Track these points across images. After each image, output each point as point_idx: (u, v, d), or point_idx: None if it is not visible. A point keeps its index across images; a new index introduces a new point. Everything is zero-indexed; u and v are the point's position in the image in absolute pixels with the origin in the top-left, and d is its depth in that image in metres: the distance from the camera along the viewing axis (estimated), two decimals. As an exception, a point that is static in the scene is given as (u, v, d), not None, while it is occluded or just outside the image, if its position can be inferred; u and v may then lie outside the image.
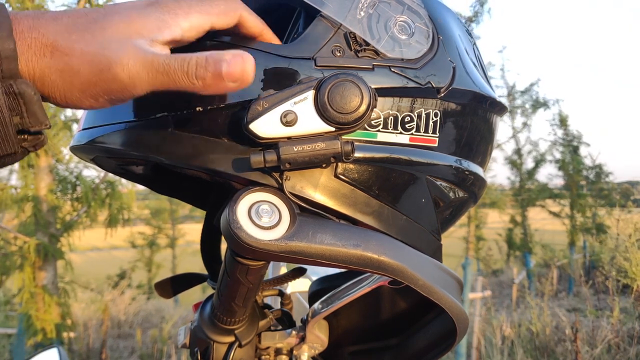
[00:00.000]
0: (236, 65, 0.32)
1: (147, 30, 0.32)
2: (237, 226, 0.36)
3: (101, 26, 0.31)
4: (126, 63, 0.30)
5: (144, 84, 0.32)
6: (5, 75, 0.28)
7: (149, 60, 0.31)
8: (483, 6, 7.75)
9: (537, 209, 10.35)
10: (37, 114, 0.29)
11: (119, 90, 0.31)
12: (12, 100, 0.28)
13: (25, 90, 0.28)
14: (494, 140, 0.50)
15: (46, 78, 0.30)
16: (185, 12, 0.34)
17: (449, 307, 0.41)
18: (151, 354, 4.86)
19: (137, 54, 0.31)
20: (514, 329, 4.24)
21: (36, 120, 0.29)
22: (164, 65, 0.31)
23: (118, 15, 0.32)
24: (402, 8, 0.41)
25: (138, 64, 0.31)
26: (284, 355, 0.59)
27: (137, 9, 0.32)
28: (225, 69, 0.31)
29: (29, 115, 0.29)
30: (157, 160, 0.39)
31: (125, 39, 0.31)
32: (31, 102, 0.29)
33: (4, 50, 0.27)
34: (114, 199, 4.49)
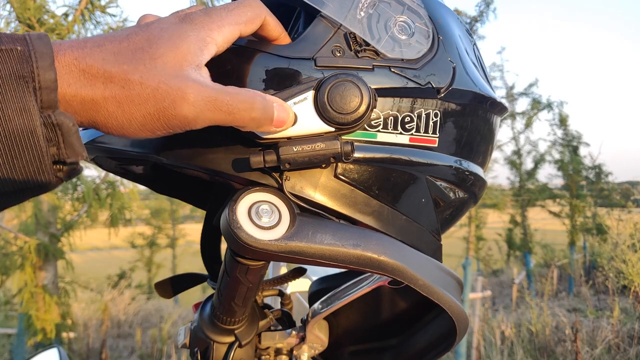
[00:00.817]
0: (285, 114, 0.35)
1: (192, 54, 0.32)
2: (237, 226, 0.36)
3: (150, 56, 0.30)
4: (192, 101, 0.31)
5: (206, 122, 0.32)
6: (44, 106, 0.27)
7: (212, 99, 0.32)
8: (489, 6, 7.75)
9: (537, 209, 10.35)
10: (74, 145, 0.29)
11: (180, 125, 0.32)
12: (50, 131, 0.28)
13: (63, 122, 0.28)
14: (494, 140, 0.50)
15: (101, 108, 0.30)
16: (218, 26, 0.34)
17: (449, 307, 0.41)
18: (151, 353, 4.86)
19: (198, 90, 0.31)
20: (514, 329, 4.24)
21: (73, 152, 0.29)
22: (228, 106, 0.32)
23: (162, 41, 0.31)
24: (402, 8, 0.41)
25: (201, 102, 0.31)
26: (284, 355, 0.59)
27: (176, 31, 0.32)
28: (277, 116, 0.35)
29: (66, 146, 0.28)
30: (157, 160, 0.39)
31: (179, 70, 0.31)
32: (69, 133, 0.28)
33: (45, 80, 0.27)
34: (115, 199, 4.49)
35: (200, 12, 0.34)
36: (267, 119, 0.34)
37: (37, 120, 0.27)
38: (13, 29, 3.70)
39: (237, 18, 0.35)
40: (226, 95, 0.32)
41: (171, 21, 0.33)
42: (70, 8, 3.94)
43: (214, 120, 0.32)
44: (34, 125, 0.27)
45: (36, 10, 3.60)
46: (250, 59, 0.38)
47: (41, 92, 0.27)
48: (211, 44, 0.33)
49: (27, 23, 3.59)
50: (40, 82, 0.27)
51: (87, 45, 0.30)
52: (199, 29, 0.33)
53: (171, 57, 0.31)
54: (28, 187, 0.28)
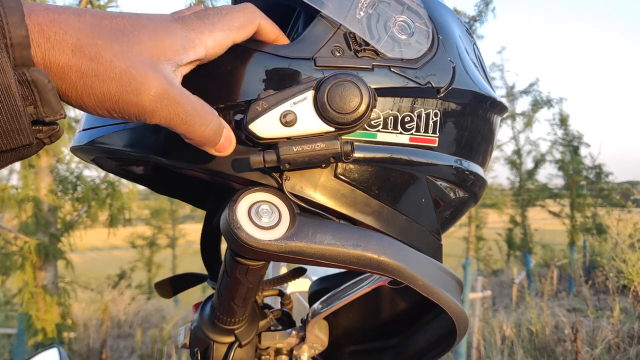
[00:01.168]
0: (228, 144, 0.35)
1: (174, 51, 0.31)
2: (237, 226, 0.36)
3: (129, 40, 0.30)
4: (154, 95, 0.30)
5: (161, 120, 0.32)
6: (17, 63, 0.27)
7: (175, 102, 0.31)
8: (488, 6, 7.74)
9: (537, 209, 10.35)
10: (51, 102, 0.28)
11: (135, 114, 0.31)
12: (26, 88, 0.27)
13: (38, 79, 0.27)
14: (495, 140, 0.50)
15: (65, 76, 0.29)
16: (210, 31, 0.33)
17: (449, 307, 0.41)
18: (151, 354, 4.86)
19: (165, 87, 0.31)
20: (514, 329, 4.24)
21: (51, 110, 0.28)
22: (186, 115, 0.32)
23: (146, 30, 0.31)
24: (401, 8, 0.41)
25: (164, 100, 0.31)
26: (284, 355, 0.59)
27: (165, 26, 0.32)
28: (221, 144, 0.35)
29: (43, 104, 0.28)
30: (157, 161, 0.39)
31: (154, 61, 0.30)
32: (45, 90, 0.27)
33: (16, 36, 0.26)
34: (115, 199, 4.49)
35: (193, 14, 0.34)
36: (214, 141, 0.34)
37: (11, 77, 0.26)
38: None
39: (229, 24, 0.34)
40: (188, 104, 0.32)
41: (163, 17, 0.33)
42: (70, 8, 3.94)
43: (168, 122, 0.32)
44: (9, 83, 0.26)
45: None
46: (250, 59, 0.38)
47: (13, 49, 0.26)
48: (200, 46, 0.33)
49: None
50: (12, 39, 0.26)
51: (66, 12, 0.29)
52: (190, 30, 0.33)
53: (150, 47, 0.30)
54: (7, 149, 0.28)
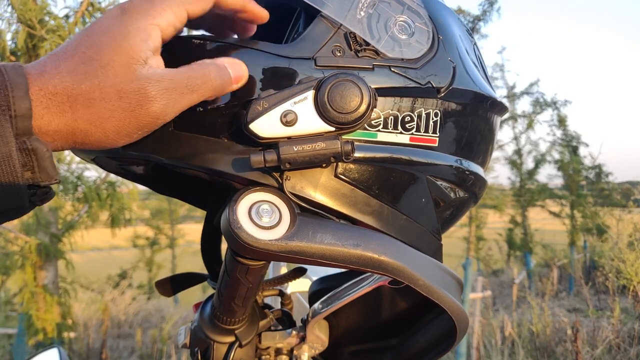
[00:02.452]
0: (240, 69, 0.36)
1: (135, 50, 0.32)
2: (237, 226, 0.36)
3: (100, 64, 0.31)
4: (154, 96, 0.32)
5: (175, 109, 0.34)
6: (19, 133, 0.29)
7: (171, 87, 0.33)
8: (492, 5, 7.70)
9: (537, 209, 10.34)
10: (48, 169, 0.30)
11: (154, 122, 0.33)
12: (25, 156, 0.29)
13: (38, 147, 0.29)
14: (495, 140, 0.50)
15: (76, 130, 0.31)
16: (159, 11, 0.33)
17: (449, 307, 0.41)
18: (151, 354, 4.86)
19: (155, 84, 0.32)
20: (515, 329, 4.24)
21: (47, 175, 0.30)
22: (188, 87, 0.33)
23: (104, 44, 0.32)
24: (402, 8, 0.41)
25: (163, 93, 0.32)
26: (284, 355, 0.59)
27: (116, 28, 0.32)
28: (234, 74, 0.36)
29: (40, 170, 0.30)
30: (157, 160, 0.39)
31: (130, 72, 0.31)
32: (43, 158, 0.30)
33: (20, 109, 0.29)
34: (115, 199, 4.49)
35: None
36: (226, 81, 0.35)
37: (13, 146, 0.28)
38: (14, 30, 3.70)
39: None
40: (182, 78, 0.33)
41: (113, 15, 0.33)
42: (71, 10, 3.94)
43: (182, 105, 0.34)
44: (10, 151, 0.28)
45: (38, 11, 3.60)
46: (250, 59, 0.38)
47: (17, 120, 0.29)
48: (154, 31, 0.33)
49: (28, 24, 3.59)
50: (15, 111, 0.28)
51: (46, 69, 0.31)
52: (139, 18, 0.33)
53: (118, 61, 0.31)
54: (2, 210, 0.30)
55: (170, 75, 0.33)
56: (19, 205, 0.30)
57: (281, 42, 0.45)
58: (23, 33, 3.59)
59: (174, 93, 0.33)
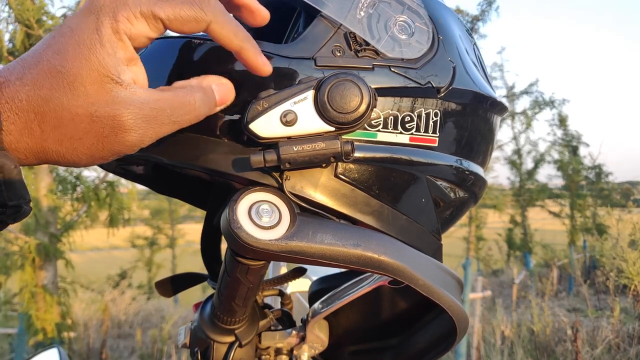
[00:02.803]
0: (226, 93, 0.35)
1: (105, 64, 0.28)
2: (237, 226, 0.36)
3: (67, 80, 0.27)
4: (130, 126, 0.29)
5: (153, 139, 0.30)
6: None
7: (151, 117, 0.29)
8: (491, 5, 7.71)
9: (537, 209, 10.34)
10: (16, 187, 0.27)
11: (127, 150, 0.30)
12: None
13: (5, 164, 0.26)
14: (495, 140, 0.50)
15: (47, 150, 0.28)
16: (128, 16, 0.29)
17: (449, 307, 0.41)
18: (151, 354, 4.86)
19: (132, 112, 0.29)
20: (514, 329, 4.24)
21: (14, 195, 0.27)
22: (170, 117, 0.30)
23: (69, 53, 0.28)
24: (402, 8, 0.41)
25: (141, 123, 0.29)
26: (284, 355, 0.59)
27: (82, 32, 0.28)
28: (219, 98, 0.34)
29: (7, 188, 0.27)
30: (157, 160, 0.39)
31: (102, 92, 0.28)
32: (10, 175, 0.27)
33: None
34: (114, 199, 4.49)
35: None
36: (211, 106, 0.33)
37: None
38: (12, 30, 3.70)
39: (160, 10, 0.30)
40: (165, 106, 0.30)
41: (81, 14, 0.29)
42: (68, 9, 3.94)
43: (161, 134, 0.31)
44: None
45: (36, 11, 3.60)
46: None
47: None
48: (124, 39, 0.29)
49: (25, 24, 3.59)
50: None
51: (11, 78, 0.27)
52: (106, 23, 0.28)
53: (87, 78, 0.28)
54: None
55: (151, 103, 0.29)
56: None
57: (281, 42, 0.45)
58: (21, 33, 3.59)
59: (154, 123, 0.30)
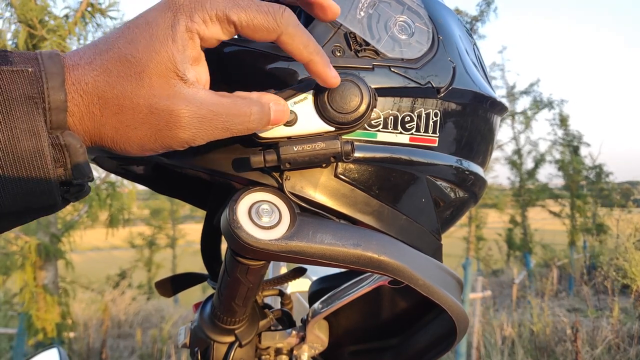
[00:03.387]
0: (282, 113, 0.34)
1: (173, 61, 0.29)
2: (237, 226, 0.36)
3: (135, 70, 0.29)
4: (186, 123, 0.30)
5: (204, 140, 0.31)
6: (53, 127, 0.27)
7: (207, 119, 0.30)
8: (489, 5, 7.71)
9: (537, 209, 10.34)
10: (81, 166, 0.28)
11: (178, 145, 0.31)
12: (58, 152, 0.27)
13: (71, 143, 0.27)
14: (495, 140, 0.50)
15: (103, 135, 0.29)
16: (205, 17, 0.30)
17: (449, 307, 0.41)
18: (151, 354, 4.86)
19: (191, 111, 0.30)
20: (514, 329, 4.24)
21: (79, 173, 0.28)
22: (224, 123, 0.31)
23: (141, 45, 0.29)
24: (402, 8, 0.41)
25: (196, 123, 0.30)
26: (284, 355, 0.59)
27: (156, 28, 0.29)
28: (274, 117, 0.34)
29: (72, 167, 0.28)
30: (158, 160, 0.39)
31: (167, 87, 0.29)
32: (76, 154, 0.28)
33: (55, 101, 0.27)
34: (115, 199, 4.49)
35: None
36: (265, 122, 0.33)
37: (45, 141, 0.27)
38: (14, 30, 3.70)
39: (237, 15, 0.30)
40: (222, 112, 0.31)
41: (158, 9, 0.30)
42: (71, 10, 3.94)
43: (212, 138, 0.31)
44: (42, 147, 0.27)
45: (39, 11, 3.60)
46: (250, 59, 0.38)
47: (51, 112, 0.27)
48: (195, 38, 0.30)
49: (28, 24, 3.59)
50: (50, 103, 0.27)
51: (81, 62, 0.29)
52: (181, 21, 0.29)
53: (154, 70, 0.29)
54: (34, 207, 0.28)
55: (210, 105, 0.30)
56: (51, 203, 0.28)
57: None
58: (24, 33, 3.60)
59: (208, 126, 0.30)
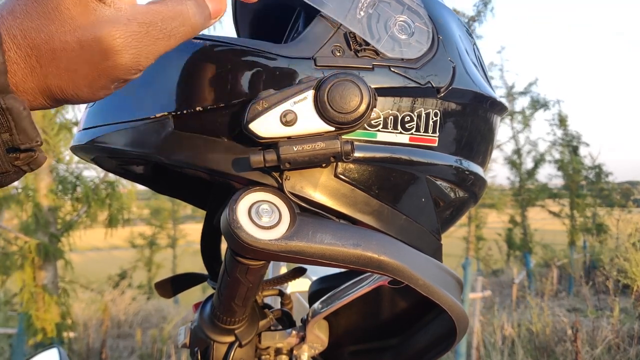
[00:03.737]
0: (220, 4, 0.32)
1: None
2: (237, 226, 0.36)
3: (52, 5, 0.26)
4: (122, 46, 0.27)
5: (150, 57, 0.29)
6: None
7: (143, 33, 0.28)
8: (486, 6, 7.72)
9: (537, 209, 10.34)
10: (27, 130, 0.27)
11: (126, 74, 0.29)
12: (1, 116, 0.26)
13: (14, 106, 0.26)
14: (494, 140, 0.50)
15: (51, 87, 0.28)
16: None
17: (449, 307, 0.41)
18: (151, 354, 4.86)
19: (121, 30, 0.27)
20: (514, 329, 4.24)
21: (26, 137, 0.27)
22: (163, 31, 0.29)
23: None
24: (402, 8, 0.41)
25: (133, 42, 0.28)
26: (284, 355, 0.59)
27: None
28: (213, 10, 0.31)
29: (18, 132, 0.26)
30: (157, 160, 0.39)
31: (87, 13, 0.27)
32: (19, 117, 0.26)
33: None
34: (114, 199, 4.49)
35: None
36: (206, 16, 0.31)
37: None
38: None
39: None
40: (155, 19, 0.28)
41: None
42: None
43: (157, 52, 0.29)
44: None
45: None
46: (250, 59, 0.38)
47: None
48: None
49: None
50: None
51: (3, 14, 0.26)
52: None
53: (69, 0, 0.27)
54: None
55: (139, 17, 0.28)
56: (2, 171, 0.27)
57: (281, 42, 0.45)
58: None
59: (146, 39, 0.28)
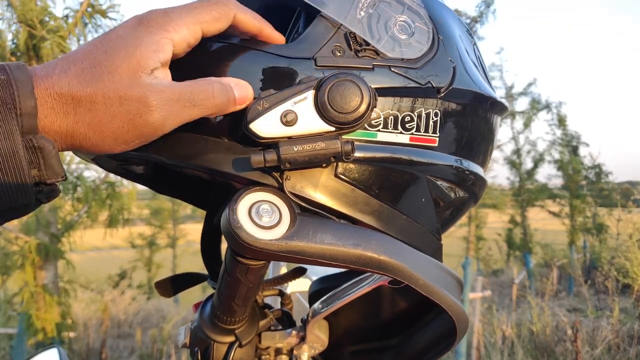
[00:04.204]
0: (245, 91, 0.36)
1: (145, 59, 0.32)
2: (237, 226, 0.36)
3: (108, 70, 0.32)
4: (155, 106, 0.32)
5: (175, 122, 0.34)
6: (25, 131, 0.29)
7: (174, 99, 0.33)
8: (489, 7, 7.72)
9: (537, 209, 10.33)
10: (54, 166, 0.31)
11: (152, 132, 0.33)
12: (32, 154, 0.30)
13: (44, 145, 0.30)
14: (495, 140, 0.50)
15: (76, 133, 0.32)
16: (174, 27, 0.34)
17: (449, 307, 0.41)
18: (151, 354, 4.86)
19: (157, 94, 0.32)
20: (514, 329, 4.24)
21: (53, 173, 0.31)
22: (190, 101, 0.34)
23: (116, 51, 0.32)
24: (402, 8, 0.41)
25: (165, 104, 0.33)
26: (284, 355, 0.59)
27: (131, 36, 0.33)
28: (238, 95, 0.36)
29: (46, 168, 0.30)
30: (157, 160, 0.39)
31: (135, 78, 0.32)
32: (49, 155, 0.30)
33: (26, 107, 0.29)
34: (115, 199, 4.49)
35: (160, 11, 0.35)
36: (230, 101, 0.35)
37: (19, 143, 0.29)
38: (15, 30, 3.70)
39: (198, 17, 0.35)
40: (185, 91, 0.34)
41: (129, 26, 0.34)
42: (71, 10, 3.94)
43: (182, 118, 0.34)
44: (17, 148, 0.29)
45: (39, 12, 3.60)
46: (250, 59, 0.38)
47: (22, 117, 0.29)
48: (167, 44, 0.34)
49: (28, 24, 3.59)
50: (21, 109, 0.29)
51: (55, 72, 0.31)
52: (155, 31, 0.33)
53: (126, 67, 0.32)
54: (9, 207, 0.30)
55: (173, 87, 0.33)
56: (26, 203, 0.30)
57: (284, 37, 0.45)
58: (24, 33, 3.59)
59: (176, 105, 0.33)
